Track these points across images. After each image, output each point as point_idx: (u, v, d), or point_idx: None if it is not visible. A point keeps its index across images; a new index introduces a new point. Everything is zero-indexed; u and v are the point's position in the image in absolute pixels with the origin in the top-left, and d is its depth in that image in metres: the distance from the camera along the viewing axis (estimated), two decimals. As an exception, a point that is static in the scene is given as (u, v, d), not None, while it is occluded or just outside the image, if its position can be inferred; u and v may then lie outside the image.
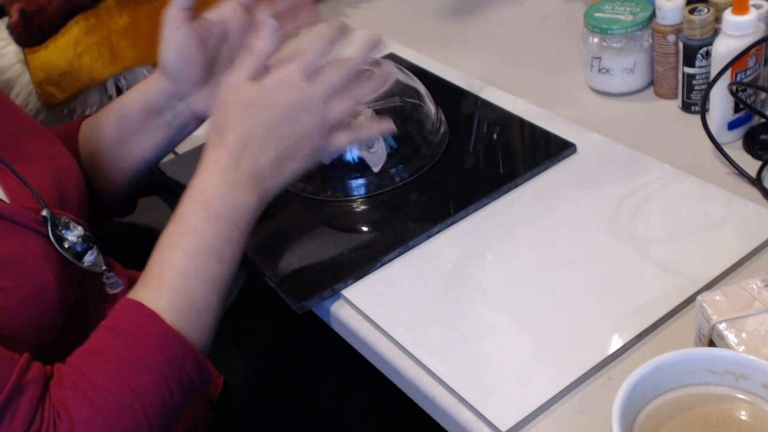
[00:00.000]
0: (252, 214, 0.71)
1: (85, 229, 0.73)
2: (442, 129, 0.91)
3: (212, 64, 0.84)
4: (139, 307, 0.66)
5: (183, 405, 0.65)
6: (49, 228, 0.69)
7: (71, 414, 0.59)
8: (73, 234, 0.72)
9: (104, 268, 0.74)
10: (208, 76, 0.84)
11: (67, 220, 0.72)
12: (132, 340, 0.64)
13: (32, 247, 0.68)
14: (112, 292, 0.76)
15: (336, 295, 0.77)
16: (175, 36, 0.81)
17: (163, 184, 0.99)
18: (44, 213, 0.69)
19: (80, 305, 0.75)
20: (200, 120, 0.87)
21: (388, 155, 0.86)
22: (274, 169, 0.72)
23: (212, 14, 0.84)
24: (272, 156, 0.71)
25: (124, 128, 0.86)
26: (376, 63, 0.88)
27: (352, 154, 0.86)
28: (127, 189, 0.89)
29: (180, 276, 0.68)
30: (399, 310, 0.73)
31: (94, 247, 0.74)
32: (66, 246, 0.70)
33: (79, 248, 0.72)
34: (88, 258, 0.73)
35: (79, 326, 0.74)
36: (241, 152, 0.71)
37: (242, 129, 0.71)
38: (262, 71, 0.72)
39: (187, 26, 0.81)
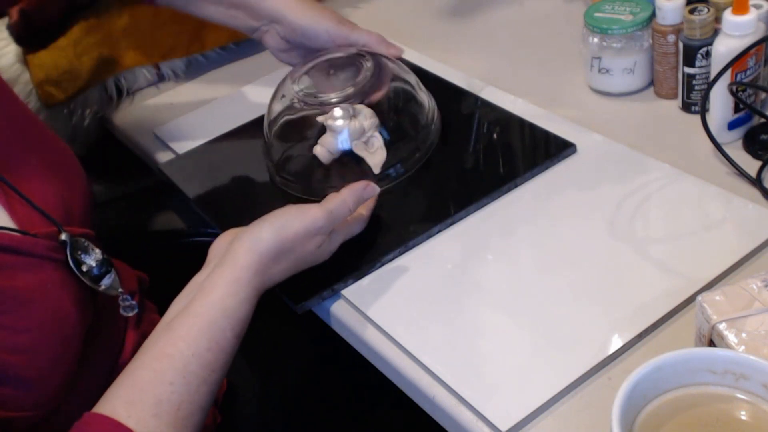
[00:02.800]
0: None
1: (102, 253, 0.71)
2: (436, 117, 0.91)
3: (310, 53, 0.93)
4: None
5: None
6: (68, 252, 0.67)
7: None
8: (91, 258, 0.70)
9: (120, 290, 0.73)
10: (300, 51, 0.94)
11: (85, 244, 0.70)
12: None
13: (50, 278, 0.66)
14: (127, 315, 0.74)
15: (336, 295, 0.77)
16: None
17: (163, 184, 0.99)
18: (63, 237, 0.67)
19: (94, 329, 0.72)
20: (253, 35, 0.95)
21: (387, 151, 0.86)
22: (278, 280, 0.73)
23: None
24: (285, 275, 0.73)
25: None
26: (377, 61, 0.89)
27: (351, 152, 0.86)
28: None
29: (199, 411, 0.63)
30: (399, 310, 0.73)
31: (112, 270, 0.72)
32: (84, 270, 0.69)
33: (96, 272, 0.70)
34: (106, 281, 0.71)
35: (92, 352, 0.72)
36: (268, 279, 0.71)
37: (284, 270, 0.72)
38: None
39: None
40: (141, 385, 0.61)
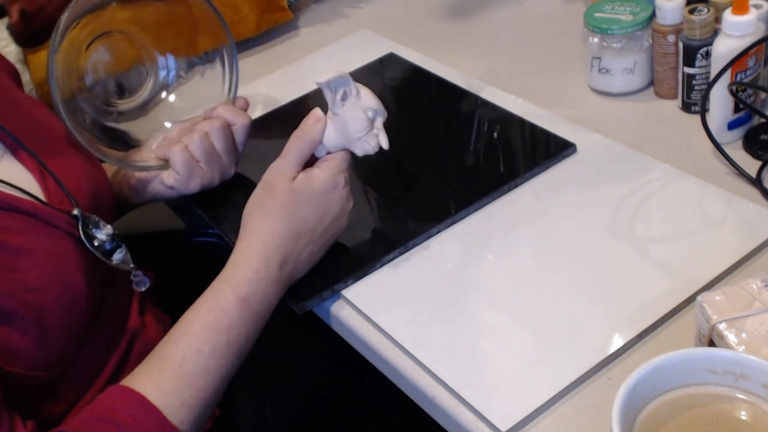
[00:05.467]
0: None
1: (113, 228, 0.75)
2: None
3: None
4: (143, 402, 0.64)
5: None
6: (80, 226, 0.71)
7: None
8: (103, 233, 0.73)
9: (132, 266, 0.76)
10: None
11: (96, 219, 0.73)
12: None
13: (64, 249, 0.69)
14: (139, 289, 0.78)
15: (336, 295, 0.77)
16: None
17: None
18: (75, 212, 0.71)
19: (101, 308, 0.75)
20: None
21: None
22: (309, 263, 0.75)
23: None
24: (314, 249, 0.75)
25: None
26: None
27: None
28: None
29: (202, 374, 0.67)
30: (399, 310, 0.73)
31: (123, 245, 0.75)
32: (96, 244, 0.72)
33: (108, 246, 0.73)
34: (117, 256, 0.74)
35: (98, 328, 0.75)
36: (292, 247, 0.73)
37: (296, 222, 0.73)
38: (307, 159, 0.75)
39: None
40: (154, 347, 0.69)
